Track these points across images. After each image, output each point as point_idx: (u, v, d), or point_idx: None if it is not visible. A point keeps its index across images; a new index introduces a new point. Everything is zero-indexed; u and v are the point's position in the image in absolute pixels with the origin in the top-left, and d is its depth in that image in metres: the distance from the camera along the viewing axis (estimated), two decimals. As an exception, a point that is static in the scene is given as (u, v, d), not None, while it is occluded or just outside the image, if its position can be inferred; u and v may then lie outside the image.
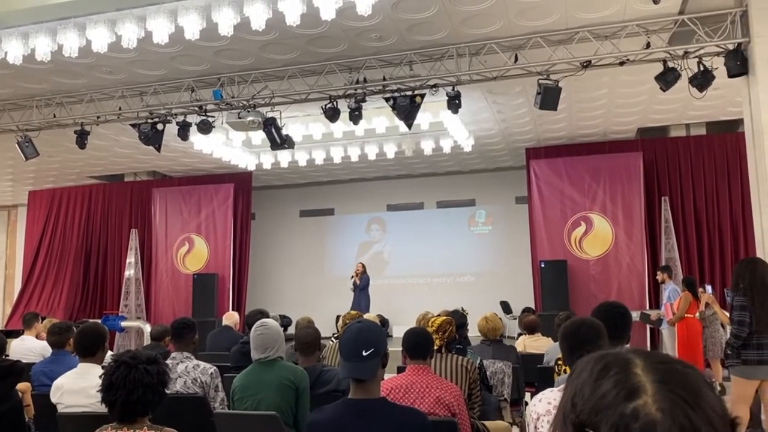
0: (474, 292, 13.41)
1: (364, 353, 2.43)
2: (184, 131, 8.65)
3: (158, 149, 8.81)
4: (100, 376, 2.63)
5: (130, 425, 2.60)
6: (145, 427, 2.61)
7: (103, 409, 2.70)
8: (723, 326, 7.67)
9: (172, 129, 8.81)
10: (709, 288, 6.70)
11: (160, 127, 8.65)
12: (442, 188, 14.28)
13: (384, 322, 13.24)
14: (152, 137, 8.62)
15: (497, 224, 14.04)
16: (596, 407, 0.71)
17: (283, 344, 4.15)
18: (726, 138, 10.50)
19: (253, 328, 4.08)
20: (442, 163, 13.15)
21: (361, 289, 12.14)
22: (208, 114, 8.54)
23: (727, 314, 5.08)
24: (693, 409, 0.69)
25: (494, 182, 13.82)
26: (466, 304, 11.04)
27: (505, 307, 12.86)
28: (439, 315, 4.80)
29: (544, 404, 2.53)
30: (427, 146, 10.89)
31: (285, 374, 3.86)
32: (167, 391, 4.22)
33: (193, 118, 8.62)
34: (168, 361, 4.44)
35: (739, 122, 10.07)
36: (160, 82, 8.53)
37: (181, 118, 8.68)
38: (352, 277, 12.25)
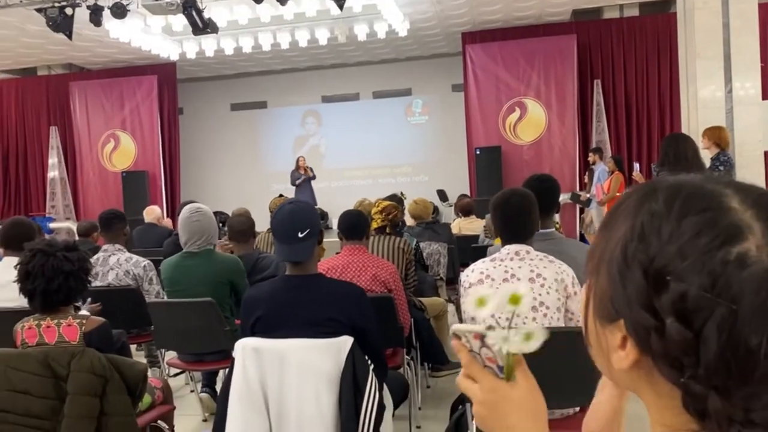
0: (411, 183, 13.49)
1: (300, 235, 2.36)
2: (96, 16, 7.98)
3: (69, 36, 8.12)
4: (16, 266, 2.48)
5: (53, 315, 2.49)
6: (70, 317, 2.51)
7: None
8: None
9: (83, 15, 8.10)
10: (636, 166, 6.93)
11: (69, 11, 7.93)
12: (378, 78, 13.93)
13: (323, 215, 13.27)
14: (61, 23, 7.92)
15: (434, 113, 13.94)
16: (683, 251, 0.56)
17: (216, 233, 4.04)
18: (658, 18, 10.51)
19: (184, 214, 3.79)
20: (377, 50, 12.75)
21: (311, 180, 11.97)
22: (121, -4, 7.86)
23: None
24: None
25: (430, 70, 13.55)
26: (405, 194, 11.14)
27: (442, 195, 13.06)
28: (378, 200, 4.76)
29: (476, 274, 2.58)
30: (361, 31, 10.46)
31: (217, 269, 3.68)
32: (98, 283, 4.13)
33: (106, 2, 7.93)
34: (99, 254, 4.29)
35: (671, 2, 10.08)
36: (64, -39, 7.75)
37: (92, 2, 7.97)
38: (302, 169, 11.94)
